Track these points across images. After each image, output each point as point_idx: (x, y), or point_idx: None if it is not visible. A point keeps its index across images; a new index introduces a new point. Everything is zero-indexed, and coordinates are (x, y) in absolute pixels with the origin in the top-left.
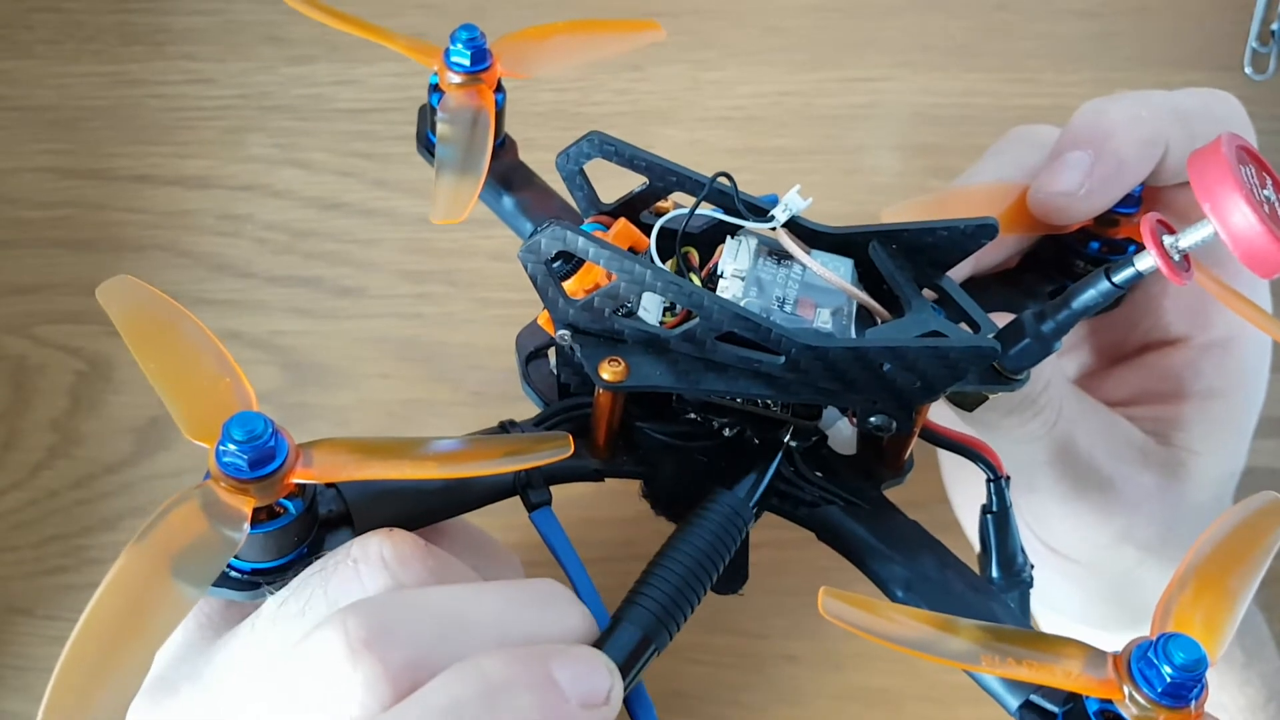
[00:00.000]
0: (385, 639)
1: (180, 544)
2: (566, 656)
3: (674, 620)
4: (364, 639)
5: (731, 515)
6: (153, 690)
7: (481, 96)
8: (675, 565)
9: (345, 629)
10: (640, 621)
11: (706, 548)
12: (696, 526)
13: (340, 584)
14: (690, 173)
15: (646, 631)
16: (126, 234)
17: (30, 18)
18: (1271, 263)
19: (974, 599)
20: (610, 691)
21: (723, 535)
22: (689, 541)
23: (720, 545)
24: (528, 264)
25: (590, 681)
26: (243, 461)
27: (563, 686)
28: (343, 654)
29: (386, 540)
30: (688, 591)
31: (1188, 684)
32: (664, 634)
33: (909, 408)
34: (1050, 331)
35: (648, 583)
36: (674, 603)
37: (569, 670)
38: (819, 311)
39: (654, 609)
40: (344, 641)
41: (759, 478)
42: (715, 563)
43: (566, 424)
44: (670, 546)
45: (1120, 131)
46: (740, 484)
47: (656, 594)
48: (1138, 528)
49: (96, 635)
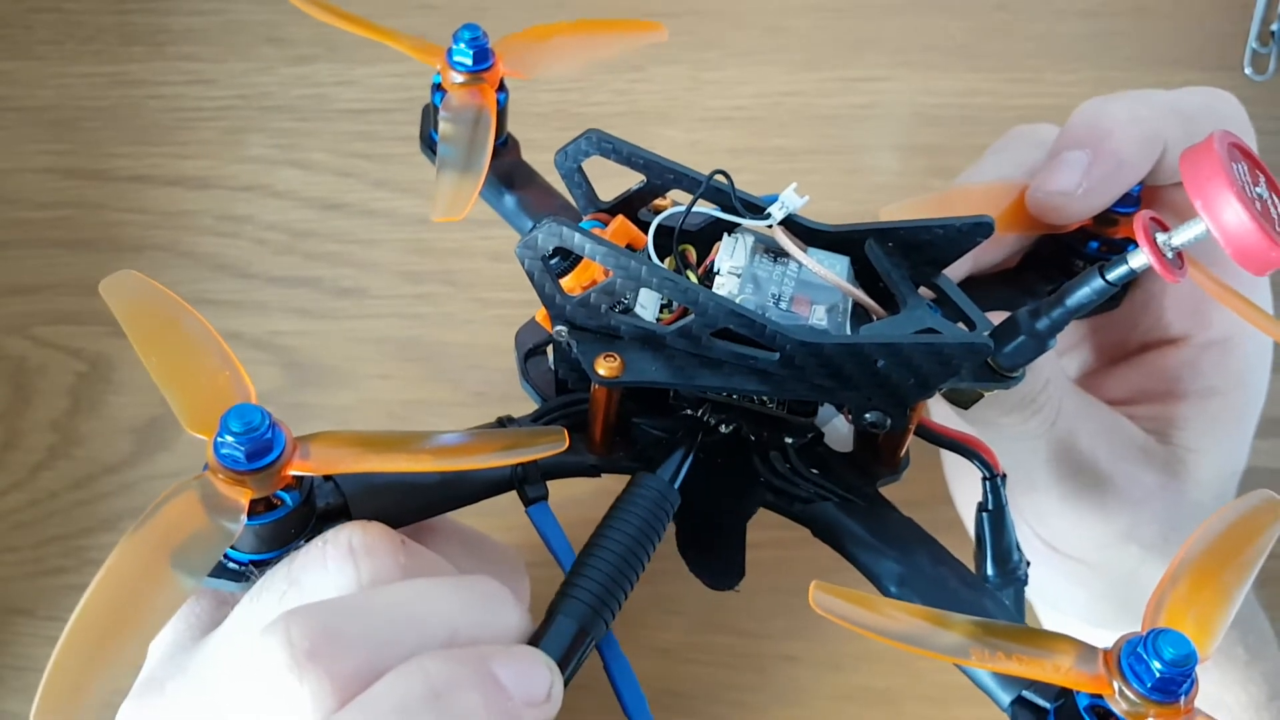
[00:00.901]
0: (330, 647)
1: (177, 534)
2: (507, 656)
3: (609, 609)
4: (308, 650)
5: (658, 499)
6: (142, 690)
7: (484, 96)
8: (606, 554)
9: (289, 638)
10: (575, 614)
11: (635, 533)
12: (623, 513)
13: (303, 564)
14: (688, 170)
15: (582, 624)
16: (126, 234)
17: (30, 18)
18: (1263, 260)
19: (967, 595)
20: (550, 689)
21: (651, 520)
22: (617, 529)
23: (649, 530)
24: (525, 260)
25: (532, 680)
26: (240, 453)
27: (506, 686)
28: (287, 665)
29: (359, 529)
30: (620, 579)
31: (1177, 679)
32: (599, 624)
33: (904, 404)
34: (1045, 329)
35: (580, 574)
36: (607, 591)
37: (510, 669)
38: (814, 308)
39: (588, 600)
40: (288, 653)
41: (683, 459)
42: (645, 547)
43: (564, 419)
44: (599, 536)
45: (1119, 131)
46: (665, 465)
47: (589, 584)
48: (1139, 526)
49: (93, 623)
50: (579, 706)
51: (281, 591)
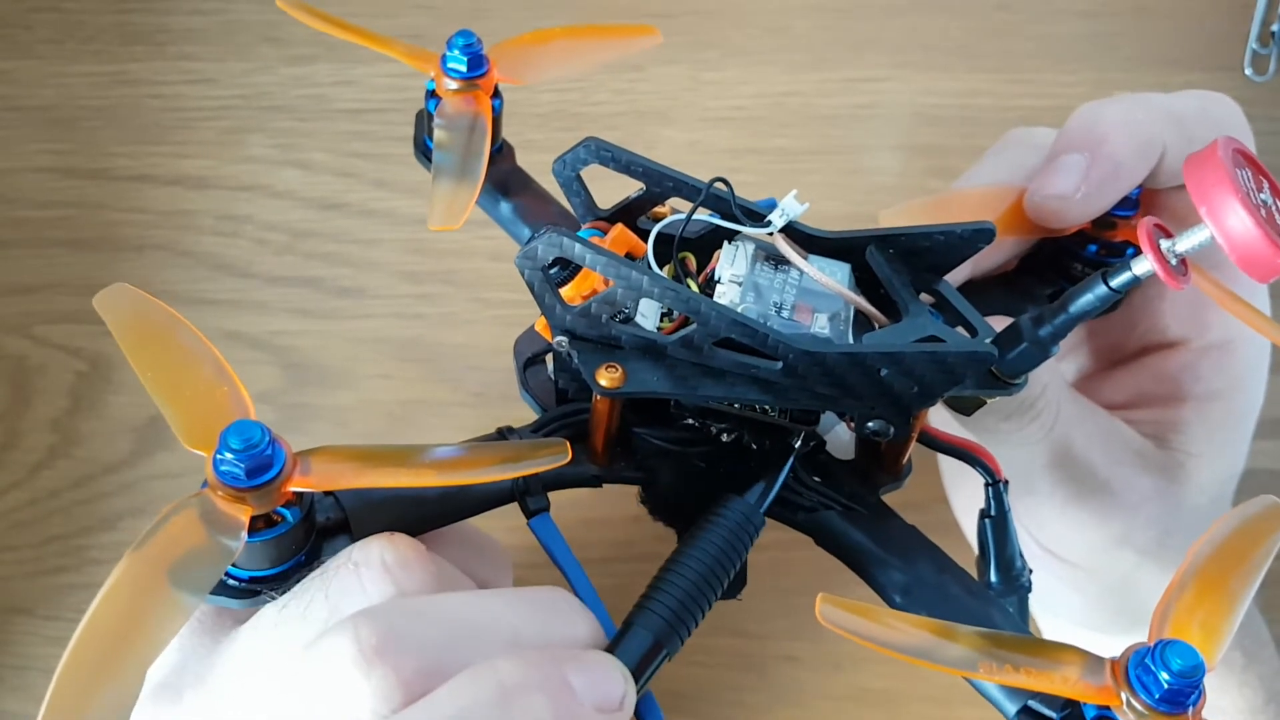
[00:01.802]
0: (397, 646)
1: (178, 552)
2: (581, 661)
3: (685, 625)
4: (375, 646)
5: (743, 521)
6: (155, 696)
7: (478, 102)
8: (687, 570)
9: (357, 636)
10: (652, 626)
11: (718, 553)
12: (709, 532)
13: (341, 588)
14: (687, 178)
15: (658, 637)
16: (126, 234)
17: (30, 18)
18: (1268, 267)
19: (972, 604)
20: (624, 697)
21: (734, 541)
22: (701, 547)
23: (732, 551)
24: (524, 270)
25: (605, 686)
26: (240, 470)
27: (577, 690)
28: (354, 661)
29: (388, 544)
30: (699, 597)
31: (1185, 690)
32: (675, 639)
33: (907, 413)
34: (1047, 336)
35: (660, 587)
36: (685, 608)
37: (584, 675)
38: (816, 317)
39: (665, 614)
40: (355, 649)
41: (769, 483)
42: (726, 568)
43: (564, 430)
44: (682, 552)
45: (1116, 134)
46: (751, 490)
47: (668, 599)
48: (1136, 531)
49: (94, 643)
50: None
51: (323, 620)
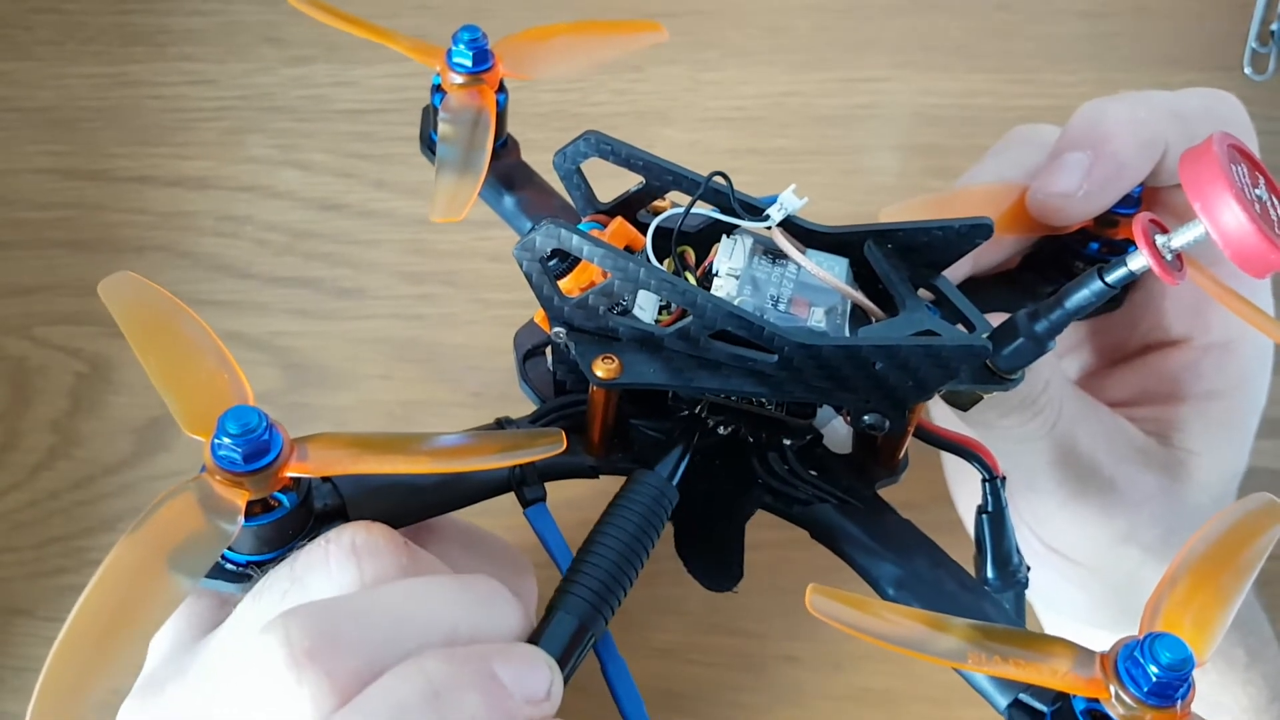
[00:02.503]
0: (329, 647)
1: (175, 535)
2: (507, 655)
3: (608, 605)
4: (307, 649)
5: (656, 495)
6: (142, 690)
7: (483, 97)
8: (604, 551)
9: (288, 638)
10: (575, 610)
11: (635, 530)
12: (622, 510)
13: (306, 563)
14: (687, 172)
15: (582, 620)
16: (126, 235)
17: (30, 18)
18: (1262, 262)
19: (965, 598)
20: (550, 687)
21: (649, 517)
22: (616, 525)
23: (648, 526)
24: (523, 261)
25: (532, 678)
26: (237, 455)
27: (506, 684)
28: (286, 665)
29: (361, 530)
30: (620, 576)
31: (1174, 683)
32: (599, 620)
33: (902, 407)
34: (1044, 331)
35: (580, 570)
36: (607, 588)
37: (510, 668)
38: (813, 310)
39: (588, 596)
40: (287, 652)
41: (681, 456)
42: (644, 544)
43: (562, 421)
44: (598, 532)
45: (1119, 132)
46: (663, 462)
47: (589, 581)
48: (1139, 529)
49: (90, 624)
50: (577, 709)
51: (284, 591)
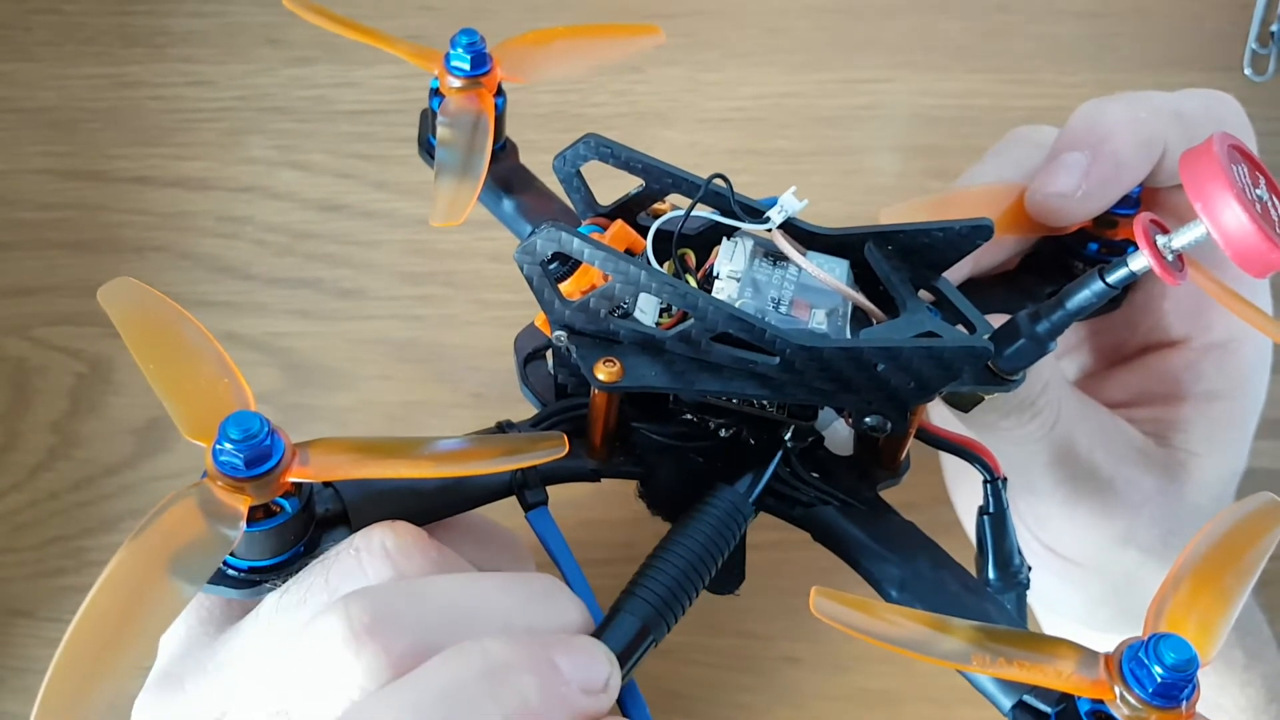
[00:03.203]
0: (388, 625)
1: (177, 541)
2: (569, 645)
3: (672, 612)
4: (366, 625)
5: (731, 511)
6: (158, 685)
7: (481, 101)
8: (674, 558)
9: (348, 615)
10: (639, 612)
11: (706, 542)
12: (697, 521)
13: (341, 572)
14: (686, 174)
15: (645, 622)
16: (126, 236)
17: (30, 19)
18: (1263, 262)
19: (968, 599)
20: (609, 679)
21: (722, 530)
22: (689, 535)
23: (719, 540)
24: (523, 265)
25: (591, 669)
26: (239, 460)
27: (564, 672)
28: (345, 639)
29: (389, 531)
30: (686, 585)
31: (1179, 684)
32: (662, 625)
33: (904, 408)
34: (1045, 332)
35: (647, 574)
36: (672, 595)
37: (570, 657)
38: (814, 312)
39: (653, 600)
40: (346, 627)
41: (759, 474)
42: (714, 557)
43: (563, 424)
44: (670, 540)
45: (1118, 133)
46: (740, 480)
47: (656, 586)
48: (1138, 530)
49: (92, 631)
50: None
51: (323, 603)
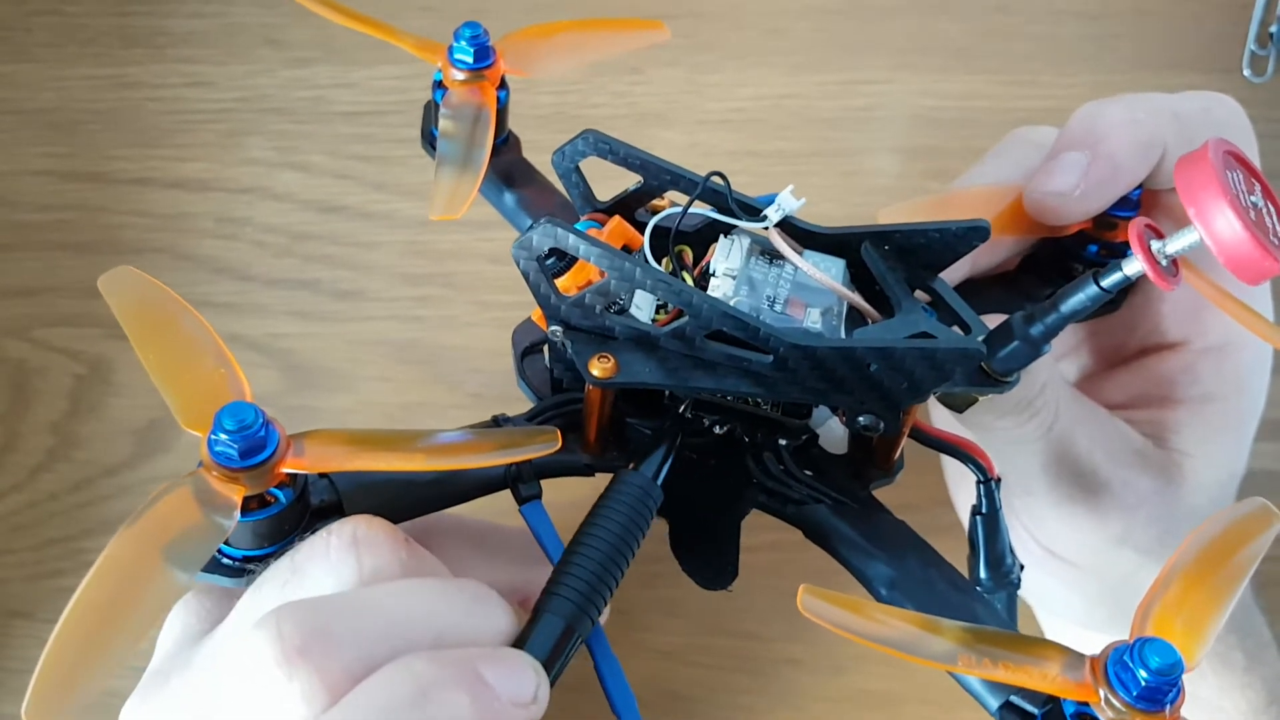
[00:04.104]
0: (320, 645)
1: (171, 530)
2: (493, 658)
3: (594, 606)
4: (298, 646)
5: (641, 495)
6: (148, 683)
7: (484, 94)
8: (590, 552)
9: (280, 634)
10: (562, 611)
11: (620, 530)
12: (607, 510)
13: (307, 554)
14: (685, 172)
15: (569, 621)
16: (126, 237)
17: (30, 21)
18: (1256, 269)
19: (957, 599)
20: (537, 690)
21: (634, 516)
22: (601, 526)
23: (633, 526)
24: (520, 260)
25: (519, 681)
26: (233, 450)
27: (494, 687)
28: (277, 662)
29: (362, 523)
30: (606, 576)
31: (1163, 688)
32: (585, 621)
33: (897, 408)
34: (1039, 334)
35: (565, 572)
36: (593, 589)
37: (496, 670)
38: (809, 311)
39: (574, 598)
40: (279, 648)
41: (665, 455)
42: (629, 544)
43: (558, 419)
44: (582, 533)
45: (1117, 133)
46: (647, 462)
47: (575, 583)
48: (1135, 531)
49: (85, 620)
50: (574, 708)
51: (284, 581)
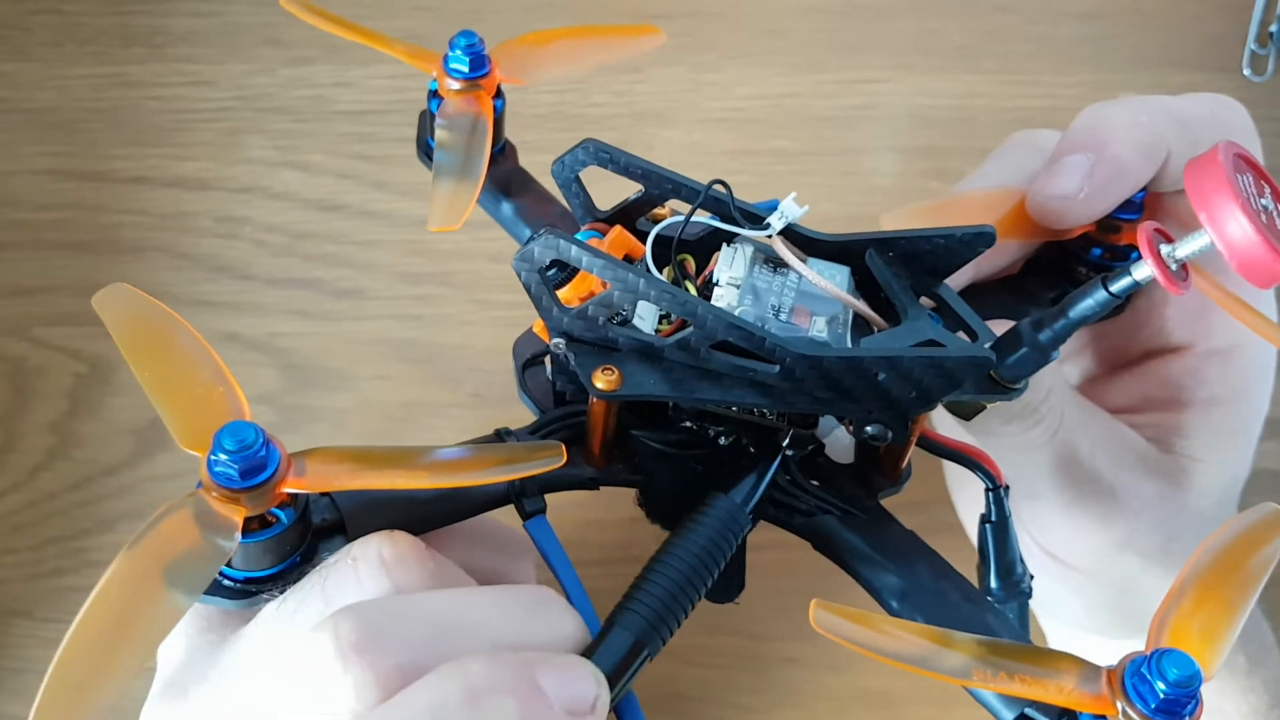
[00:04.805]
0: (376, 643)
1: (172, 552)
2: (552, 664)
3: (667, 626)
4: (354, 643)
5: (728, 520)
6: (164, 694)
7: (480, 103)
8: (670, 570)
9: (336, 632)
10: (633, 627)
11: (702, 553)
12: (693, 531)
13: (337, 581)
14: (686, 180)
15: (639, 637)
16: (125, 236)
17: (29, 20)
18: (1268, 273)
19: (969, 610)
20: (596, 700)
21: (719, 540)
22: (684, 546)
23: (716, 550)
24: (521, 272)
25: (577, 689)
26: (234, 471)
27: (548, 693)
28: (333, 657)
29: (386, 541)
30: (681, 597)
31: (1182, 700)
32: (657, 639)
33: (904, 417)
34: (1047, 341)
35: (642, 588)
36: (667, 608)
37: (554, 677)
38: (814, 320)
39: (647, 614)
40: (334, 645)
41: (756, 482)
42: (710, 568)
43: (562, 432)
44: (665, 551)
45: (1120, 136)
46: (737, 489)
47: (650, 599)
48: (1140, 536)
49: (87, 643)
50: None
51: (319, 612)
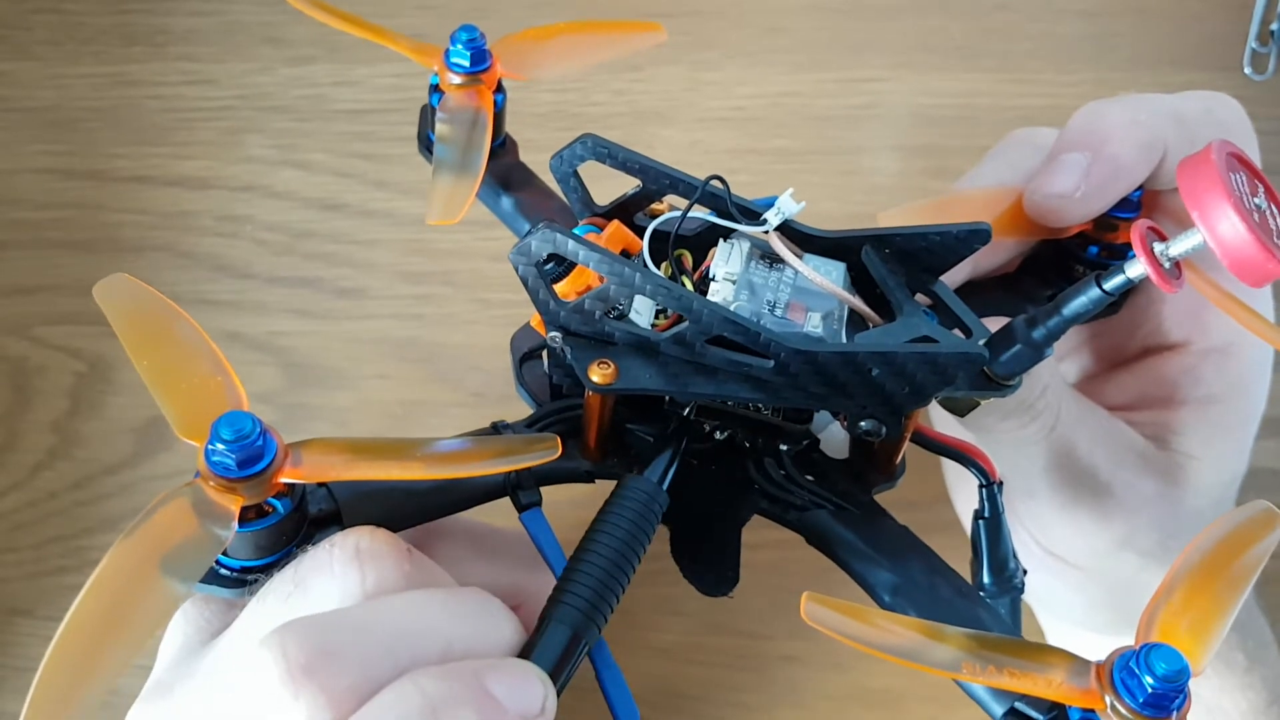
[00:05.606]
0: (325, 663)
1: (168, 541)
2: (501, 670)
3: (601, 614)
4: (303, 665)
5: (647, 501)
6: (151, 693)
7: (481, 97)
8: (596, 559)
9: (284, 652)
10: (568, 620)
11: (626, 536)
12: (612, 516)
13: (310, 567)
14: (684, 175)
15: (575, 629)
16: (126, 235)
17: (30, 19)
18: (1260, 272)
19: (961, 605)
20: (544, 701)
21: (640, 522)
22: (607, 533)
23: (639, 532)
24: (519, 266)
25: (524, 693)
26: (231, 461)
27: (501, 700)
28: (281, 681)
29: (365, 535)
30: (611, 583)
31: (1169, 694)
32: (592, 629)
33: (899, 413)
34: (1041, 338)
35: (571, 579)
36: (600, 596)
37: (504, 684)
38: (810, 315)
39: (581, 605)
40: (284, 667)
41: (671, 459)
42: (635, 550)
43: (558, 425)
44: (590, 539)
45: (1118, 134)
46: (652, 467)
47: (582, 590)
48: (1137, 533)
49: (83, 630)
50: (576, 708)
51: (286, 594)
